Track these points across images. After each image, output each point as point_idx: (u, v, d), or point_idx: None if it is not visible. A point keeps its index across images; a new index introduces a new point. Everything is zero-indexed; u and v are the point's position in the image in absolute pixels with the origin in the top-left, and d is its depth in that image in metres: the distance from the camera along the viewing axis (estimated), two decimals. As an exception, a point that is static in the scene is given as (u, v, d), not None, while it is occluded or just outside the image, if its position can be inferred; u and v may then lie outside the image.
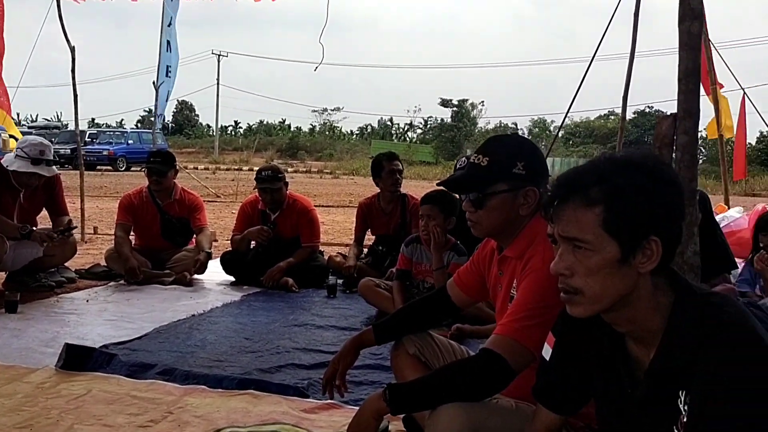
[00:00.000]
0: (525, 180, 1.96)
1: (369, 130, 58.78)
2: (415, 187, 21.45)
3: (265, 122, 62.64)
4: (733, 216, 6.06)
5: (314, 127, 57.96)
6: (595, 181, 1.30)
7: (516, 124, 48.32)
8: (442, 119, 46.33)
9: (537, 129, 45.34)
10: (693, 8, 2.09)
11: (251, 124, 64.15)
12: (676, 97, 2.29)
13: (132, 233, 5.38)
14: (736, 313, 1.26)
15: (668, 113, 2.20)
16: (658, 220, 1.27)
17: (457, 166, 4.79)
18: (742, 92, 7.80)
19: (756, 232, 4.36)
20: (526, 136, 45.35)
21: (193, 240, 5.35)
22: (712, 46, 6.65)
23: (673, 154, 2.17)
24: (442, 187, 2.35)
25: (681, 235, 1.35)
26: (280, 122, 61.59)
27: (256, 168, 6.36)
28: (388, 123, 57.36)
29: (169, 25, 10.19)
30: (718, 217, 5.61)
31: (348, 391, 2.26)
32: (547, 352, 1.60)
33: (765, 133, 27.19)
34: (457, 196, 3.37)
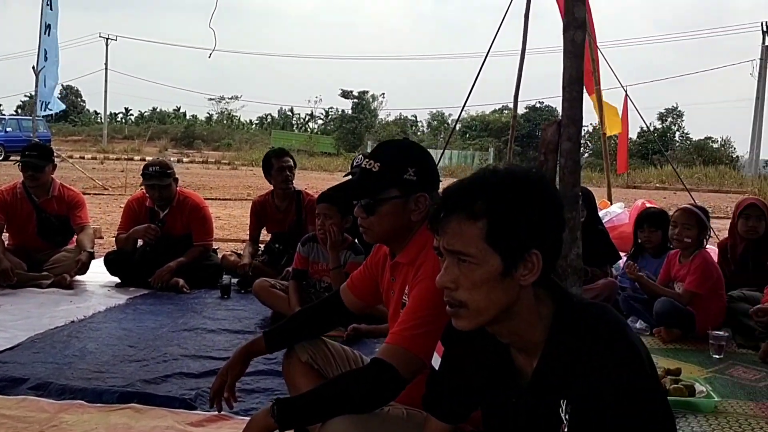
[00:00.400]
0: (416, 186, 1.96)
1: (269, 120, 57.75)
2: (316, 179, 21.34)
3: (158, 110, 60.16)
4: (615, 211, 6.38)
5: (211, 115, 56.23)
6: (479, 195, 1.31)
7: (416, 117, 49.10)
8: (343, 110, 46.17)
9: (435, 122, 46.08)
10: (576, 17, 2.14)
11: (143, 111, 61.45)
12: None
13: (5, 232, 4.97)
14: (614, 324, 1.31)
15: (557, 116, 2.25)
16: (539, 233, 1.30)
17: (354, 164, 4.75)
18: (624, 90, 8.20)
19: (636, 228, 4.62)
20: (425, 128, 46.22)
21: (74, 239, 5.02)
22: (596, 47, 6.97)
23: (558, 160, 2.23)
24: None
25: (561, 247, 1.40)
26: (174, 110, 59.34)
27: (149, 158, 6.06)
28: (289, 113, 56.58)
29: (48, 6, 9.50)
30: (601, 213, 5.89)
31: (239, 400, 2.18)
32: (436, 361, 1.60)
33: (644, 128, 28.95)
34: None
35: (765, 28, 28.47)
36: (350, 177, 2.17)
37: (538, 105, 37.32)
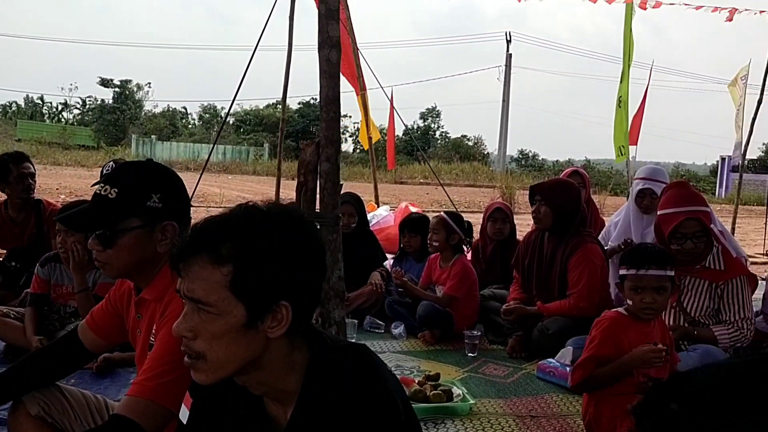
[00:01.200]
0: (162, 214, 1.78)
1: (14, 109, 51.23)
2: (72, 176, 19.41)
3: None
4: (382, 214, 6.62)
5: (-66, 103, 48.28)
6: (228, 236, 1.19)
7: (186, 109, 46.80)
8: (102, 100, 42.54)
9: (207, 115, 44.46)
10: (331, 36, 2.09)
11: None
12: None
13: None
14: (369, 369, 1.28)
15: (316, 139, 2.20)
16: (291, 285, 1.21)
17: (104, 171, 4.31)
18: (385, 92, 8.45)
19: (400, 232, 4.82)
20: (197, 121, 44.30)
21: None
22: (360, 53, 7.16)
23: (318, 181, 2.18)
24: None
25: (318, 296, 1.32)
26: None
27: None
28: (38, 101, 50.66)
29: None
30: (369, 216, 6.08)
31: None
32: (184, 414, 1.46)
33: (410, 126, 30.74)
34: None
35: (508, 38, 31.87)
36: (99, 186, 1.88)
37: (312, 101, 37.86)
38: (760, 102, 7.20)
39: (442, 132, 41.66)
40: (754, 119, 7.28)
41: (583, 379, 2.48)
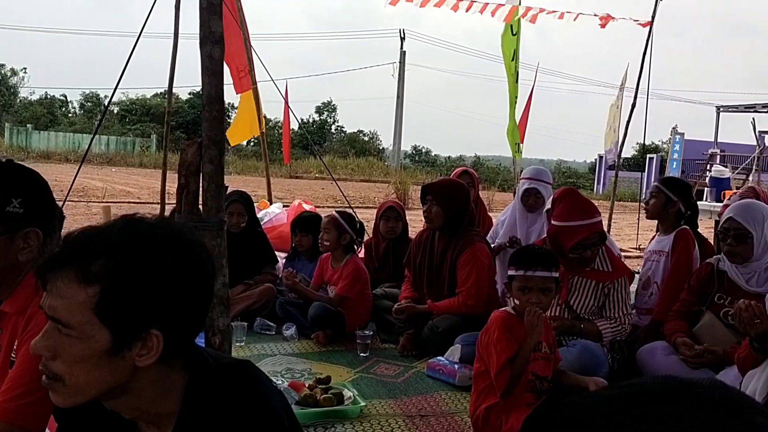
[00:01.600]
0: (23, 220, 1.65)
1: None
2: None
3: None
4: (274, 212, 6.50)
5: None
6: (101, 252, 1.08)
7: (66, 97, 44.07)
8: (-29, 86, 39.40)
9: (89, 103, 42.06)
10: (213, 32, 2.00)
11: None
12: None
13: None
14: (251, 387, 1.22)
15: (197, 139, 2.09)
16: (165, 313, 1.11)
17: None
18: (276, 86, 8.21)
19: (292, 231, 4.75)
20: (78, 110, 41.83)
21: None
22: (252, 48, 6.96)
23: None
24: None
25: (201, 324, 1.22)
26: None
27: None
28: None
29: None
30: (260, 214, 5.95)
31: None
32: (48, 440, 1.33)
33: (305, 120, 30.51)
34: None
35: (402, 35, 32.26)
36: None
37: (203, 92, 36.70)
38: (633, 105, 7.65)
39: (338, 126, 41.68)
40: (629, 121, 7.73)
41: (507, 383, 2.49)
